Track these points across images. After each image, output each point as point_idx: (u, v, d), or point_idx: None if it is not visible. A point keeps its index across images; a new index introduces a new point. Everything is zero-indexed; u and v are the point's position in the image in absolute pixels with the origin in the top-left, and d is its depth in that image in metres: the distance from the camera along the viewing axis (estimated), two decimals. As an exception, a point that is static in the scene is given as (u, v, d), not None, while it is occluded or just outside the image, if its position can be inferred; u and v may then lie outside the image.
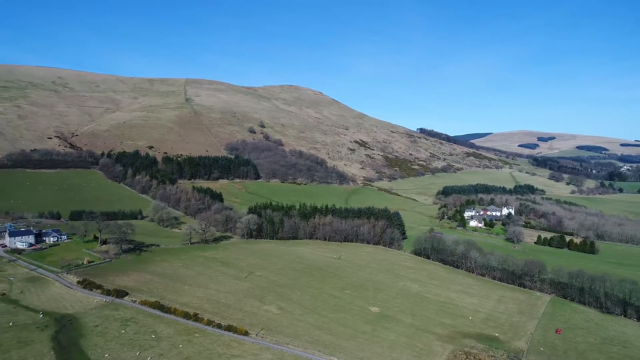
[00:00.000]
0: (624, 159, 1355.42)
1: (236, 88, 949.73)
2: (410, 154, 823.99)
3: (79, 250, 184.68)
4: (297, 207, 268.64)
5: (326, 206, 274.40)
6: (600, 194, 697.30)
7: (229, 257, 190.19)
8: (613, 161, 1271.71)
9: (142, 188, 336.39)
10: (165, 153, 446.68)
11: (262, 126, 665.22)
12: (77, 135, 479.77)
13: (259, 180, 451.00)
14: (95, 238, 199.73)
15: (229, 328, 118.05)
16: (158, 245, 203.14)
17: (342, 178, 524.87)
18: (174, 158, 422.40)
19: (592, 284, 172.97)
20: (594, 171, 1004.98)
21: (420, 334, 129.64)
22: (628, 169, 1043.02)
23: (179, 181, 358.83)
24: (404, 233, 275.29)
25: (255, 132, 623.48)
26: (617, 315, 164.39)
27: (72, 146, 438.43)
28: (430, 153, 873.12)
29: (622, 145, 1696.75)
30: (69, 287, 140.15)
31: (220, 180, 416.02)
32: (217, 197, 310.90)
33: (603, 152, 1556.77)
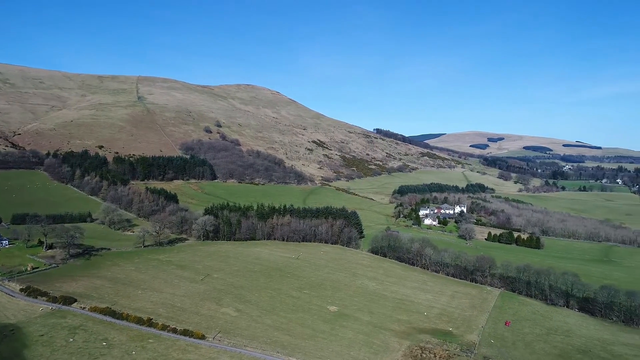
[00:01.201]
0: (566, 158, 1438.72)
1: (191, 87, 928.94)
2: (367, 154, 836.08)
3: (22, 255, 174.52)
4: (255, 207, 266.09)
5: (284, 206, 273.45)
6: (545, 192, 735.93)
7: (185, 260, 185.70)
8: (556, 161, 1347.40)
9: (91, 189, 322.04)
10: (117, 153, 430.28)
11: (219, 126, 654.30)
12: (19, 134, 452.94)
13: (216, 180, 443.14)
14: (40, 243, 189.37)
15: (185, 332, 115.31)
16: (109, 249, 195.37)
17: (300, 178, 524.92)
18: (126, 158, 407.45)
19: (537, 278, 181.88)
20: (539, 170, 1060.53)
21: (377, 331, 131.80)
22: (570, 168, 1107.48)
23: (132, 182, 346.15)
24: (362, 232, 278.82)
25: (211, 132, 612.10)
26: (561, 306, 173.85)
27: (13, 145, 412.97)
28: (387, 153, 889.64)
29: (564, 145, 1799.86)
30: (11, 296, 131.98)
31: (175, 181, 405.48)
32: (172, 198, 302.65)
33: (547, 152, 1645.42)
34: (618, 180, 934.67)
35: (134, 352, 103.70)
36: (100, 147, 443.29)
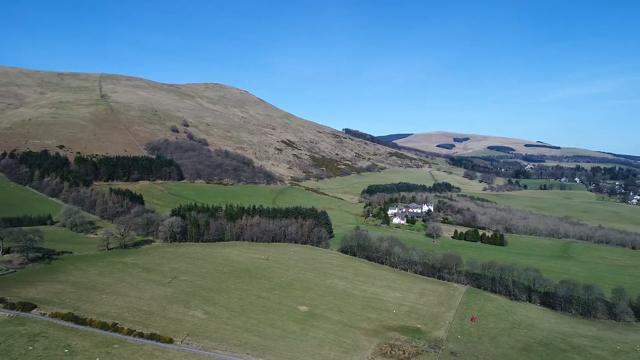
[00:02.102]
0: (528, 158, 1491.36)
1: (157, 85, 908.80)
2: (337, 154, 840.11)
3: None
4: (224, 208, 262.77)
5: (253, 207, 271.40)
6: (508, 190, 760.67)
7: (151, 262, 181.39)
8: (519, 160, 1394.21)
9: (51, 191, 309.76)
10: (79, 153, 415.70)
11: (186, 125, 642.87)
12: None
13: (183, 181, 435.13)
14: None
15: (152, 336, 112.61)
16: (71, 253, 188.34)
17: (270, 178, 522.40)
18: (89, 158, 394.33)
19: (502, 274, 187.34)
20: (502, 170, 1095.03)
21: (347, 330, 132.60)
22: (531, 168, 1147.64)
23: (95, 183, 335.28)
24: (331, 232, 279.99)
25: (178, 132, 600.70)
26: (523, 301, 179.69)
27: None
28: (356, 153, 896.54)
29: (526, 145, 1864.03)
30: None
31: (140, 182, 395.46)
32: (137, 199, 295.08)
33: (510, 152, 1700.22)
34: (576, 179, 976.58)
35: (97, 359, 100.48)
36: (61, 147, 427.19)
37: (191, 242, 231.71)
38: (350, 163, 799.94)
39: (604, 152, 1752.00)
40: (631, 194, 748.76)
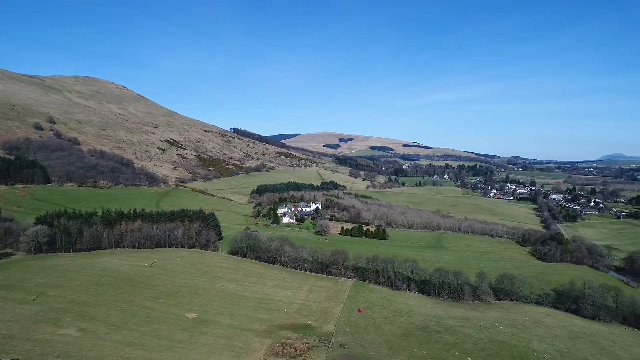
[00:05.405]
0: (405, 157, 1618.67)
1: (15, 76, 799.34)
2: (225, 154, 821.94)
3: None
4: (100, 213, 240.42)
5: (134, 210, 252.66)
6: (388, 187, 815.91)
7: (10, 278, 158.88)
8: (397, 159, 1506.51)
9: None
10: None
11: (52, 122, 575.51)
12: None
13: (50, 184, 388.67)
14: None
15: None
16: None
17: (152, 180, 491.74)
18: None
19: (384, 266, 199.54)
20: (383, 168, 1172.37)
21: (239, 333, 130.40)
22: (408, 166, 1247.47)
23: None
24: (220, 234, 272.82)
25: (43, 129, 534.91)
26: (404, 290, 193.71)
27: None
28: (244, 153, 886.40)
29: (403, 145, 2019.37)
30: None
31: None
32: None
33: (390, 151, 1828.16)
34: (445, 175, 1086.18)
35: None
36: None
37: (61, 252, 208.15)
38: (239, 163, 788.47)
39: (468, 152, 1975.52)
40: (489, 188, 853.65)
